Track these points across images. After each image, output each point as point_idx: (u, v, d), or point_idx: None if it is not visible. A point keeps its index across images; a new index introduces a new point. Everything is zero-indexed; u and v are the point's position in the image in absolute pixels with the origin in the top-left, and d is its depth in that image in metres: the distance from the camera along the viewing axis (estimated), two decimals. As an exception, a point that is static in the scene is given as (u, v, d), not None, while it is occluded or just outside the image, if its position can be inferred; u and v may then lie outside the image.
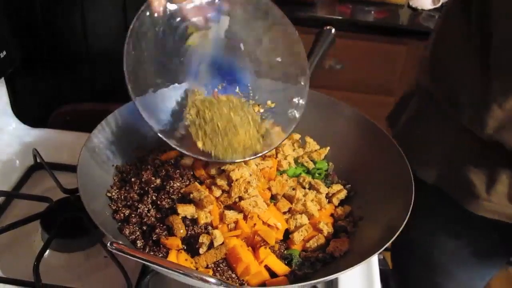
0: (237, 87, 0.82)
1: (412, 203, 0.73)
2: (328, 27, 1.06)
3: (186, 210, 0.72)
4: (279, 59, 0.82)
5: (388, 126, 1.14)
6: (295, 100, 0.81)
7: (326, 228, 0.78)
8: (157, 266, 0.58)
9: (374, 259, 0.88)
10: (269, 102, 0.83)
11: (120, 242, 0.60)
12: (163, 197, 0.75)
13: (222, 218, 0.74)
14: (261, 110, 0.82)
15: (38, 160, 0.99)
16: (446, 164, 0.95)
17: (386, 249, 0.75)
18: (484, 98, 0.84)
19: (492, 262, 1.09)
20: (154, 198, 0.76)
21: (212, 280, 0.57)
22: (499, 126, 0.83)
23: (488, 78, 0.83)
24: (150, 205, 0.75)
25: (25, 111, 1.14)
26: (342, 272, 0.68)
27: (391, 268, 1.29)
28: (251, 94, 0.83)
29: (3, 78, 1.04)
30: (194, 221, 0.72)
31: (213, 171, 0.78)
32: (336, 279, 0.84)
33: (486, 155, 0.89)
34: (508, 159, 0.86)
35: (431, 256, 1.10)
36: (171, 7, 0.74)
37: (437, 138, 0.97)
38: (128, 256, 0.58)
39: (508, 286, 1.89)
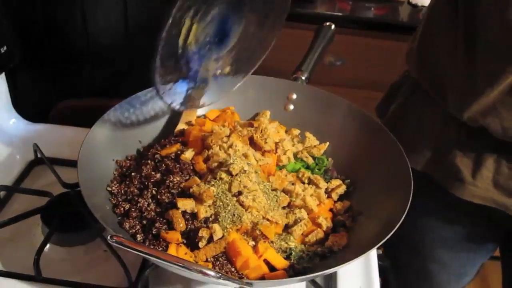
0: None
1: (411, 197, 0.73)
2: (327, 23, 1.07)
3: (186, 204, 0.72)
4: None
5: (377, 116, 1.16)
6: None
7: (325, 222, 0.78)
8: (156, 259, 0.58)
9: (373, 253, 0.89)
10: None
11: (121, 236, 0.61)
12: (163, 191, 0.75)
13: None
14: None
15: (39, 155, 1.00)
16: (433, 151, 0.97)
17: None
18: (468, 85, 0.86)
19: (483, 248, 1.11)
20: (154, 192, 0.76)
21: (212, 273, 0.57)
22: (483, 111, 0.85)
23: (473, 65, 0.85)
24: (150, 200, 0.76)
25: (26, 106, 1.14)
26: (340, 266, 0.68)
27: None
28: None
29: (3, 73, 1.05)
30: (194, 215, 0.73)
31: (213, 165, 0.79)
32: (335, 273, 0.84)
33: (472, 141, 0.91)
34: (493, 144, 0.87)
35: (423, 244, 1.12)
36: None
37: (425, 125, 0.99)
38: (128, 249, 0.58)
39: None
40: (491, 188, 0.91)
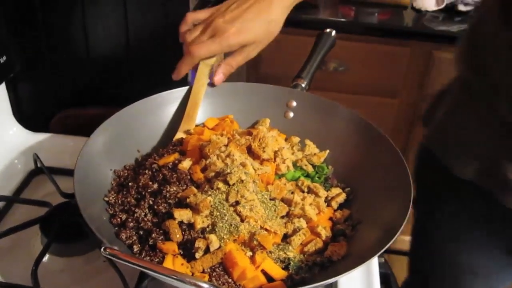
0: None
1: (410, 205, 0.72)
2: (328, 30, 1.06)
3: (183, 214, 0.72)
4: None
5: (423, 126, 1.13)
6: None
7: (324, 232, 0.77)
8: (150, 272, 0.58)
9: (374, 262, 0.88)
10: None
11: (115, 248, 0.60)
12: (160, 201, 0.75)
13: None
14: None
15: (39, 165, 1.00)
16: (485, 160, 0.92)
17: (391, 252, 0.75)
18: None
19: None
20: (151, 202, 0.76)
21: (205, 285, 0.57)
22: None
23: None
24: (147, 210, 0.75)
25: (27, 116, 1.14)
26: (340, 276, 0.68)
27: (408, 275, 1.27)
28: None
29: (3, 83, 1.05)
30: (191, 225, 0.72)
31: (211, 175, 0.78)
32: (336, 282, 0.84)
33: None
34: None
35: (460, 256, 1.08)
36: None
37: (476, 132, 0.94)
38: (121, 262, 0.58)
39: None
40: None
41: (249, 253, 0.72)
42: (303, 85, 0.97)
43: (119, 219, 0.75)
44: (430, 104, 1.12)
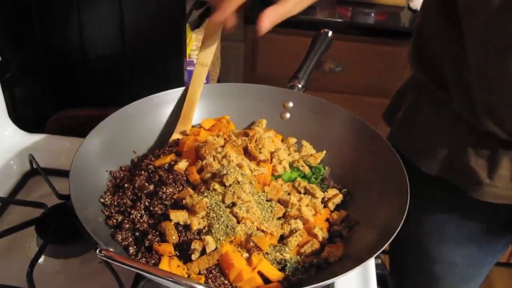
0: None
1: (407, 205, 0.72)
2: (325, 30, 1.06)
3: (179, 216, 0.71)
4: None
5: (386, 124, 1.15)
6: None
7: (321, 233, 0.77)
8: (145, 273, 0.58)
9: (371, 263, 0.88)
10: None
11: (111, 249, 0.60)
12: (156, 203, 0.74)
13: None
14: None
15: (34, 166, 0.99)
16: (446, 154, 0.95)
17: (384, 253, 0.75)
18: (467, 84, 0.85)
19: (494, 246, 1.10)
20: (147, 204, 0.75)
21: (201, 287, 0.57)
22: (487, 112, 0.84)
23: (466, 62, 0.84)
24: (143, 211, 0.75)
25: (23, 116, 1.14)
26: (337, 277, 0.68)
27: (389, 270, 1.28)
28: None
29: (-1, 83, 1.05)
30: (187, 227, 0.72)
31: (207, 176, 0.78)
32: (332, 284, 0.83)
33: (484, 141, 0.90)
34: (506, 142, 0.86)
35: (433, 246, 1.11)
36: None
37: (435, 129, 0.98)
38: (116, 264, 0.58)
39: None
40: (511, 186, 0.90)
41: (246, 255, 0.71)
42: (300, 86, 0.97)
43: (115, 221, 0.75)
44: (390, 103, 1.16)
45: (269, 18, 0.76)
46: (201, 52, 0.88)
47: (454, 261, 1.11)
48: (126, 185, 0.79)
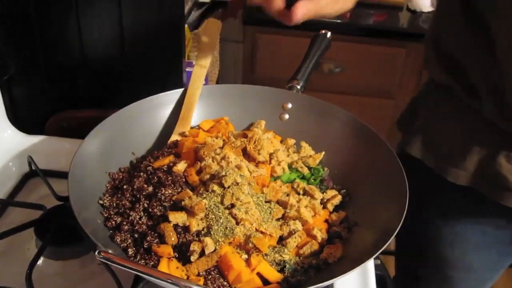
0: None
1: (406, 206, 0.73)
2: (323, 31, 1.06)
3: (178, 217, 0.71)
4: None
5: (400, 131, 1.12)
6: None
7: (320, 234, 0.77)
8: (144, 275, 0.58)
9: (370, 264, 0.87)
10: None
11: (110, 251, 0.60)
12: (154, 204, 0.74)
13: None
14: None
15: (33, 167, 0.99)
16: (477, 162, 0.93)
17: (385, 253, 0.75)
18: (499, 89, 0.82)
19: (510, 250, 1.08)
20: (146, 205, 0.75)
21: (199, 289, 0.57)
22: None
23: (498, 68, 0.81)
24: (142, 213, 0.75)
25: (22, 118, 1.13)
26: (336, 278, 0.68)
27: (396, 275, 1.28)
28: None
29: (-2, 85, 1.05)
30: (186, 228, 0.72)
31: (206, 177, 0.78)
32: (331, 285, 0.83)
33: None
34: None
35: (451, 251, 1.08)
36: None
37: (462, 135, 0.94)
38: (115, 265, 0.57)
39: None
40: None
41: (245, 256, 0.71)
42: (299, 87, 0.97)
43: (114, 222, 0.75)
44: (405, 110, 1.12)
45: (302, 10, 0.76)
46: (200, 54, 0.88)
47: (472, 266, 1.09)
48: (125, 186, 0.79)
